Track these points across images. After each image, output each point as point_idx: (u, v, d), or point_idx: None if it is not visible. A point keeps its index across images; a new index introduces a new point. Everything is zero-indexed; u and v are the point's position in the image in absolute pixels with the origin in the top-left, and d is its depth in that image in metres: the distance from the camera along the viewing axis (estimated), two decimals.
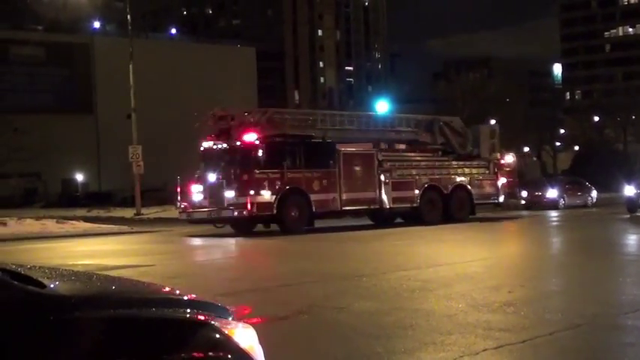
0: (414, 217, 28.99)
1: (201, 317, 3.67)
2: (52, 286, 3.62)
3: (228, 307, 4.02)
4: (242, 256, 20.15)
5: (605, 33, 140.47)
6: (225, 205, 24.85)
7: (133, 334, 3.39)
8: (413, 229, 26.21)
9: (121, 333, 3.36)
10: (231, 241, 23.90)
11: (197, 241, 24.59)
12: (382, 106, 49.41)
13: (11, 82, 70.56)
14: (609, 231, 25.00)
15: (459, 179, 30.72)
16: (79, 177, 79.81)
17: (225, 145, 25.80)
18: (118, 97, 56.46)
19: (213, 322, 3.65)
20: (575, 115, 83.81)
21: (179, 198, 26.88)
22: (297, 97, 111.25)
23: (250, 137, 25.03)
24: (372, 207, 28.06)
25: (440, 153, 31.36)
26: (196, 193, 25.86)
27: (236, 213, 24.54)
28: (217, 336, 3.59)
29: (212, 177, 25.53)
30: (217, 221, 26.35)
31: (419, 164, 29.94)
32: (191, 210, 26.04)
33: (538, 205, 41.00)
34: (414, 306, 10.09)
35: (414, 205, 28.83)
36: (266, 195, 24.65)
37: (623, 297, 10.80)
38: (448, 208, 29.72)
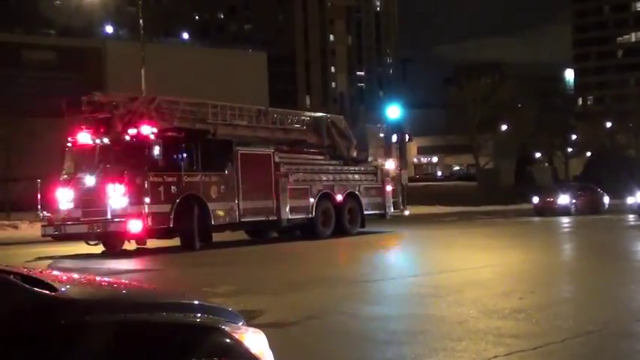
0: (309, 229, 24.95)
1: (212, 322, 3.67)
2: (63, 289, 3.63)
3: (238, 311, 4.02)
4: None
5: (618, 39, 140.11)
6: (111, 216, 20.15)
7: (143, 338, 3.39)
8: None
9: (132, 337, 3.37)
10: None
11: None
12: (393, 111, 49.32)
13: (24, 86, 70.89)
14: (621, 237, 24.88)
15: (350, 187, 26.84)
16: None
17: (108, 140, 20.89)
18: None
19: (223, 327, 3.65)
20: (587, 121, 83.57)
21: (40, 207, 22.39)
22: (308, 102, 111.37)
23: (145, 130, 20.57)
24: (270, 218, 23.68)
25: (328, 157, 27.26)
26: (66, 201, 20.75)
27: (128, 226, 19.75)
28: (228, 341, 3.59)
29: (89, 180, 20.56)
30: (99, 237, 21.21)
31: (313, 169, 25.98)
32: (59, 223, 20.89)
33: (550, 211, 40.88)
34: (424, 312, 10.06)
35: (310, 215, 24.80)
36: (162, 204, 20.30)
37: (635, 304, 10.75)
38: (341, 219, 25.87)
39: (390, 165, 29.67)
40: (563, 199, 42.15)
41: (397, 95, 66.11)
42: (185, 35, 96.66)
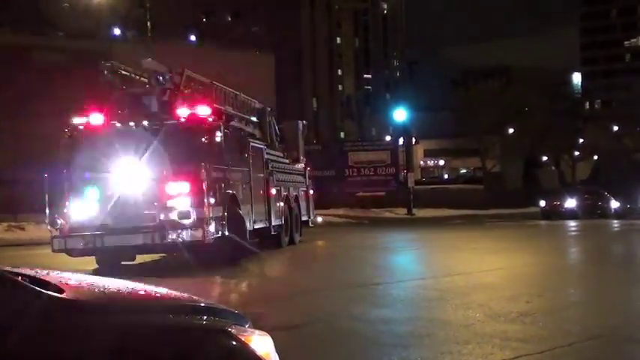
0: (271, 237, 20.85)
1: (218, 324, 3.67)
2: (70, 291, 3.63)
3: (244, 314, 4.01)
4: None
5: (625, 42, 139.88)
6: (174, 222, 15.42)
7: (149, 340, 3.39)
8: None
9: (138, 339, 3.37)
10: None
11: None
12: (400, 114, 49.31)
13: (33, 88, 71.05)
14: (628, 241, 24.81)
15: (295, 190, 23.66)
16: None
17: (154, 123, 16.28)
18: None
19: (229, 329, 3.64)
20: (595, 124, 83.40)
21: (49, 212, 16.20)
22: (315, 104, 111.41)
23: (202, 111, 16.30)
24: (265, 224, 20.06)
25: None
26: (89, 204, 15.90)
27: (193, 235, 15.30)
28: (234, 343, 3.59)
29: (130, 176, 15.84)
30: (158, 251, 17.21)
31: (284, 168, 23.07)
32: (86, 233, 15.65)
33: (557, 214, 40.79)
34: (430, 315, 10.05)
35: (280, 222, 21.37)
36: (218, 205, 16.14)
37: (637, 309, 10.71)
38: (290, 226, 22.45)
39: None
40: (570, 203, 42.07)
41: (404, 98, 66.14)
42: (192, 37, 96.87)
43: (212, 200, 15.71)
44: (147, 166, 15.77)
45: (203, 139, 16.07)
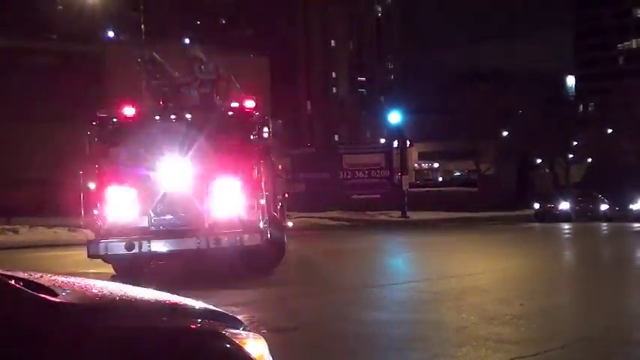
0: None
1: (213, 327, 3.67)
2: (64, 294, 3.63)
3: (239, 317, 4.02)
4: None
5: (619, 45, 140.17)
6: (232, 224, 14.17)
7: (143, 343, 3.39)
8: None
9: (132, 342, 3.37)
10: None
11: None
12: (394, 117, 49.32)
13: (25, 91, 70.92)
14: (621, 244, 24.86)
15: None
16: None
17: (199, 116, 14.81)
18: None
19: (224, 332, 3.65)
20: (589, 127, 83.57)
21: (85, 213, 14.66)
22: (309, 107, 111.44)
23: (248, 104, 14.79)
24: None
25: None
26: (128, 204, 14.30)
27: (250, 239, 13.95)
28: (228, 346, 3.59)
29: (172, 174, 14.30)
30: (210, 256, 14.87)
31: None
32: (130, 237, 13.90)
33: (550, 217, 40.84)
34: (424, 318, 10.06)
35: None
36: (267, 206, 14.87)
37: (636, 310, 10.74)
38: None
39: None
40: (564, 205, 42.15)
41: (398, 101, 66.19)
42: (187, 40, 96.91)
43: (264, 201, 14.51)
44: (193, 162, 14.22)
45: (252, 135, 14.63)
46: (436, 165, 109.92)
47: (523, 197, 52.56)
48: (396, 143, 50.91)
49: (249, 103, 14.76)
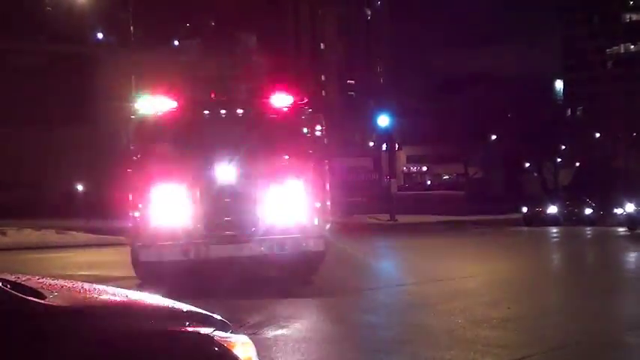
0: None
1: (200, 330, 3.66)
2: (51, 297, 3.62)
3: (227, 319, 4.01)
4: None
5: (607, 50, 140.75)
6: (298, 229, 13.21)
7: (130, 346, 3.38)
8: None
9: (119, 345, 3.36)
10: None
11: None
12: (383, 120, 49.37)
13: (13, 92, 70.68)
14: (610, 248, 24.94)
15: None
16: (80, 187, 79.87)
17: (249, 111, 13.69)
18: (120, 108, 56.55)
19: (212, 335, 3.64)
20: (576, 131, 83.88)
21: (133, 215, 13.27)
22: None
23: (302, 100, 14.08)
24: None
25: None
26: (182, 205, 13.05)
27: (315, 245, 13.21)
28: (216, 349, 3.58)
29: (224, 173, 13.23)
30: (270, 263, 13.77)
31: None
32: (184, 242, 12.82)
33: (538, 221, 40.94)
34: (413, 321, 10.07)
35: None
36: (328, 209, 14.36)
37: (623, 314, 10.78)
38: None
39: None
40: (552, 209, 42.28)
41: (387, 104, 66.26)
42: (176, 42, 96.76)
43: (328, 203, 13.88)
44: (247, 161, 13.17)
45: (306, 132, 13.79)
46: (425, 168, 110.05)
47: (511, 201, 52.68)
48: (384, 146, 50.96)
49: (302, 99, 13.91)
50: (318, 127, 13.95)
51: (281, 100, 13.67)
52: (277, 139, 13.43)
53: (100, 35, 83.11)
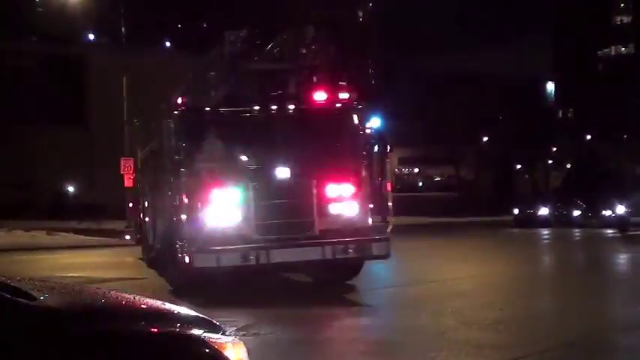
0: None
1: (192, 332, 3.65)
2: (41, 298, 3.60)
3: (218, 321, 4.00)
4: None
5: (598, 52, 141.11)
6: (364, 231, 12.73)
7: (121, 348, 3.36)
8: None
9: (109, 347, 3.34)
10: None
11: None
12: (375, 122, 49.35)
13: (4, 93, 70.48)
14: (601, 249, 24.99)
15: None
16: (71, 188, 79.77)
17: (299, 109, 12.98)
18: (111, 109, 56.60)
19: (203, 337, 3.63)
20: (568, 133, 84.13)
21: (187, 218, 12.16)
22: None
23: (355, 96, 13.60)
24: None
25: None
26: (237, 207, 12.26)
27: (379, 248, 12.64)
28: (207, 351, 3.57)
29: (279, 173, 12.57)
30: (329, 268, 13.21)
31: None
32: (244, 246, 11.89)
33: (530, 222, 40.98)
34: (404, 322, 10.06)
35: None
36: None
37: (615, 316, 10.79)
38: None
39: None
40: (543, 211, 42.35)
41: (379, 106, 66.29)
42: (167, 43, 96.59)
43: (390, 204, 13.36)
44: (302, 160, 12.54)
45: (360, 130, 13.31)
46: (416, 170, 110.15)
47: (503, 203, 52.77)
48: (376, 148, 50.90)
49: (354, 95, 13.42)
50: (369, 125, 13.51)
51: (336, 96, 13.15)
52: (334, 136, 12.95)
53: (91, 36, 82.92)
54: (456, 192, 70.43)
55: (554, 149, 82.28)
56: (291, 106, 12.85)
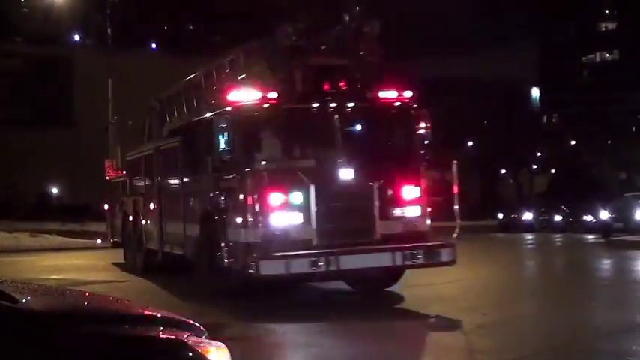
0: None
1: (175, 335, 3.64)
2: (24, 300, 3.59)
3: (201, 325, 4.00)
4: None
5: (583, 58, 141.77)
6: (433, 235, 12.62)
7: (104, 351, 3.36)
8: None
9: (92, 350, 3.33)
10: None
11: None
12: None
13: None
14: (584, 255, 25.10)
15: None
16: (55, 190, 79.44)
17: (358, 106, 12.22)
18: (97, 110, 56.36)
19: (186, 340, 3.62)
20: (552, 138, 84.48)
21: (252, 221, 11.27)
22: None
23: (411, 94, 12.96)
24: None
25: None
26: (298, 210, 11.54)
27: (447, 254, 12.15)
28: (190, 354, 3.57)
29: (342, 174, 11.77)
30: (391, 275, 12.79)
31: None
32: (314, 252, 11.18)
33: (514, 227, 41.15)
34: (387, 326, 10.06)
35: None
36: None
37: (597, 321, 10.82)
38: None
39: None
40: (527, 216, 42.53)
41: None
42: (153, 45, 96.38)
43: (456, 207, 13.10)
44: (368, 160, 11.94)
45: (418, 129, 12.76)
46: None
47: (487, 207, 52.93)
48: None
49: (409, 93, 12.73)
50: (425, 124, 12.92)
51: (396, 94, 12.52)
52: (397, 136, 12.61)
53: (77, 37, 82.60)
54: (440, 197, 70.49)
55: (539, 154, 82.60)
56: (352, 104, 12.14)
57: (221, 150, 11.43)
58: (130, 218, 18.46)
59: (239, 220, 11.46)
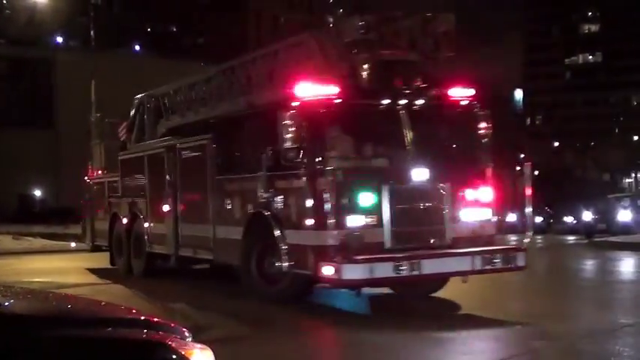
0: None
1: (158, 338, 3.63)
2: (6, 304, 3.57)
3: (186, 327, 3.99)
4: None
5: (566, 60, 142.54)
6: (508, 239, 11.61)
7: (88, 354, 3.34)
8: None
9: (76, 353, 3.32)
10: None
11: None
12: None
13: None
14: (567, 256, 25.22)
15: None
16: (38, 192, 79.06)
17: (427, 104, 11.79)
18: (79, 113, 56.15)
19: (170, 343, 3.61)
20: (536, 140, 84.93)
21: (329, 221, 10.68)
22: None
23: (474, 93, 12.69)
24: None
25: None
26: (372, 211, 11.03)
27: (520, 259, 11.67)
28: (174, 357, 3.55)
29: (423, 174, 11.38)
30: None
31: None
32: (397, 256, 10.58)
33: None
34: (373, 329, 10.07)
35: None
36: None
37: (579, 322, 10.87)
38: None
39: None
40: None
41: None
42: (137, 47, 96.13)
43: (528, 210, 12.84)
44: (442, 160, 11.57)
45: (483, 130, 12.32)
46: None
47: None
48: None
49: (475, 93, 12.44)
50: (488, 125, 12.44)
51: (465, 94, 12.24)
52: (466, 137, 12.17)
53: (59, 39, 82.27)
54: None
55: (522, 156, 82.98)
56: (423, 101, 11.68)
57: (286, 147, 10.87)
58: (125, 221, 17.48)
59: (308, 221, 10.94)
